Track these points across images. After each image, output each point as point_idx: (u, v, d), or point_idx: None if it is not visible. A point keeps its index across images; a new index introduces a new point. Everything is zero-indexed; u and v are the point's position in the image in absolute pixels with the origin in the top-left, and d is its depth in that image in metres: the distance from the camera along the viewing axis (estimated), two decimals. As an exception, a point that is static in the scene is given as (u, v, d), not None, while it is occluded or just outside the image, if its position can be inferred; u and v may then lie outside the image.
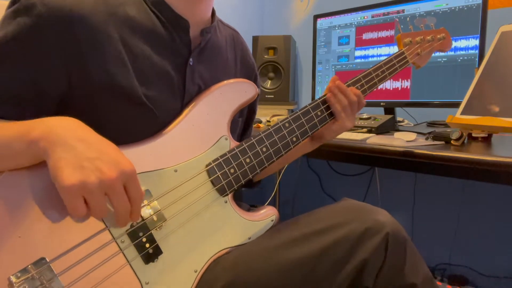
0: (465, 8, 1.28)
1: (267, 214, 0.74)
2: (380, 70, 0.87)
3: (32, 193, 0.54)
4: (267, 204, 1.96)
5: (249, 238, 0.71)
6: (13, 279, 0.51)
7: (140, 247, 0.60)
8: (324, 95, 0.81)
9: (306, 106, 0.79)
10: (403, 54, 0.92)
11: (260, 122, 1.62)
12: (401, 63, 0.91)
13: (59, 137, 0.51)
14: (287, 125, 0.76)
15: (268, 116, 1.76)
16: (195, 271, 0.65)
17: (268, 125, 1.63)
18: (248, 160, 0.71)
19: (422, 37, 0.95)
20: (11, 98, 0.58)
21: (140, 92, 0.63)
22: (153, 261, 0.61)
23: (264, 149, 0.73)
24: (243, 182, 0.70)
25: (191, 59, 0.71)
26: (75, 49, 0.59)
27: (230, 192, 0.70)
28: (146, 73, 0.65)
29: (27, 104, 0.59)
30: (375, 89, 0.88)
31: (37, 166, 0.54)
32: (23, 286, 0.51)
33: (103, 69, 0.61)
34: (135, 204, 0.54)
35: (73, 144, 0.50)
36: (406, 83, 1.44)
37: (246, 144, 0.71)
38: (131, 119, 0.64)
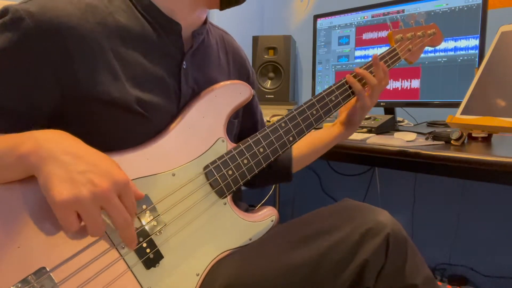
0: (465, 8, 1.28)
1: (267, 215, 0.74)
2: (372, 68, 0.88)
3: (31, 203, 0.53)
4: (267, 204, 1.96)
5: (250, 239, 0.71)
6: None
7: (140, 253, 0.60)
8: (320, 94, 0.81)
9: (302, 106, 0.79)
10: (395, 51, 0.93)
11: (260, 122, 1.62)
12: (393, 59, 0.92)
13: (49, 151, 0.50)
14: (283, 125, 0.75)
15: (268, 116, 1.76)
16: (197, 275, 0.65)
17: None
18: (245, 161, 0.71)
19: (413, 33, 0.97)
20: (3, 112, 0.57)
21: (133, 101, 0.63)
22: (154, 266, 0.61)
23: (261, 150, 0.72)
24: (241, 183, 0.70)
25: (184, 62, 0.70)
26: (64, 62, 0.58)
27: (229, 194, 0.69)
28: (139, 80, 0.64)
29: (20, 117, 0.58)
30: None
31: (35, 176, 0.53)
32: None
33: (93, 81, 0.60)
34: (132, 214, 0.54)
35: (62, 158, 0.50)
36: (415, 83, 1.43)
37: (243, 146, 0.71)
38: (126, 127, 0.63)
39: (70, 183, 0.48)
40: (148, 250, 0.60)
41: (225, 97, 0.73)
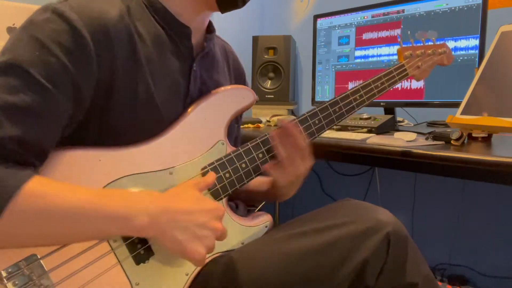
0: (465, 8, 1.28)
1: (261, 220, 0.75)
2: (380, 82, 0.87)
3: None
4: (267, 203, 1.96)
5: (242, 243, 0.71)
6: (3, 273, 0.51)
7: (132, 248, 0.60)
8: (324, 104, 0.79)
9: (304, 114, 0.77)
10: (403, 67, 0.92)
11: (260, 122, 1.62)
12: (400, 75, 0.91)
13: (163, 224, 0.57)
14: None
15: (268, 116, 1.76)
16: (187, 274, 0.65)
17: (268, 125, 1.63)
18: (243, 165, 0.71)
19: (422, 50, 0.96)
20: (62, 117, 0.56)
21: (155, 96, 0.64)
22: (144, 262, 0.61)
23: (260, 155, 0.73)
24: (238, 186, 0.70)
25: (194, 65, 0.72)
26: (108, 56, 0.59)
27: (224, 197, 0.70)
28: (156, 76, 0.66)
29: (71, 115, 0.57)
30: (373, 100, 0.87)
31: None
32: (13, 281, 0.51)
33: (127, 74, 0.61)
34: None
35: (179, 222, 0.57)
36: (419, 83, 1.43)
37: (243, 149, 0.72)
38: (141, 122, 0.64)
39: (198, 240, 0.58)
40: (139, 246, 0.61)
41: (228, 101, 0.74)
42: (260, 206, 1.88)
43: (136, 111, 0.63)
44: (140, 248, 0.61)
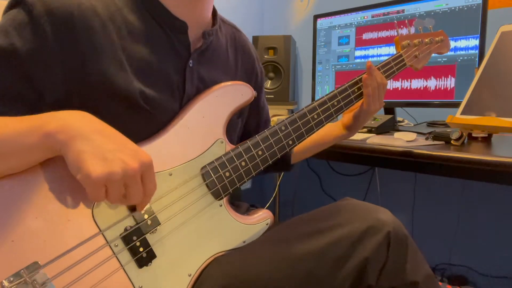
0: (465, 8, 1.28)
1: (262, 218, 0.75)
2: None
3: (26, 198, 0.53)
4: (268, 203, 1.96)
5: (244, 242, 0.71)
6: (5, 283, 0.50)
7: (133, 251, 0.60)
8: (321, 98, 0.81)
9: (303, 109, 0.78)
10: (401, 57, 0.92)
11: (260, 122, 1.62)
12: (398, 65, 0.91)
13: (77, 130, 0.51)
14: (283, 128, 0.75)
15: (268, 116, 1.76)
16: (189, 275, 0.65)
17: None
18: (243, 163, 0.71)
19: (420, 39, 0.95)
20: (9, 98, 0.57)
21: (137, 95, 0.63)
22: (146, 265, 0.61)
23: (260, 153, 0.72)
24: (238, 185, 0.70)
25: (191, 61, 0.71)
26: (73, 50, 0.59)
27: (225, 196, 0.69)
28: (145, 75, 0.65)
29: (23, 105, 0.58)
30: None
31: (33, 169, 0.54)
32: None
33: (101, 71, 0.60)
34: (149, 195, 0.55)
35: (91, 137, 0.51)
36: (450, 82, 1.43)
37: (242, 148, 0.71)
38: (128, 121, 0.63)
39: (103, 160, 0.50)
40: (141, 249, 0.60)
41: (226, 98, 0.73)
42: (267, 206, 1.87)
43: (117, 110, 0.62)
44: (142, 251, 0.60)
